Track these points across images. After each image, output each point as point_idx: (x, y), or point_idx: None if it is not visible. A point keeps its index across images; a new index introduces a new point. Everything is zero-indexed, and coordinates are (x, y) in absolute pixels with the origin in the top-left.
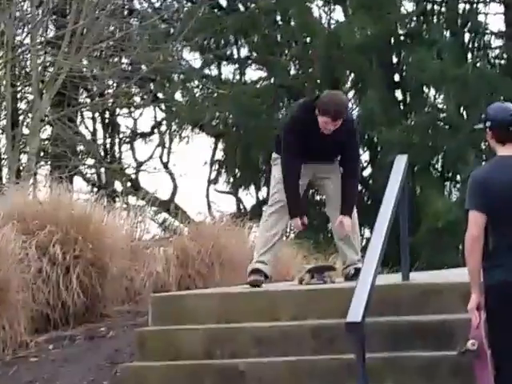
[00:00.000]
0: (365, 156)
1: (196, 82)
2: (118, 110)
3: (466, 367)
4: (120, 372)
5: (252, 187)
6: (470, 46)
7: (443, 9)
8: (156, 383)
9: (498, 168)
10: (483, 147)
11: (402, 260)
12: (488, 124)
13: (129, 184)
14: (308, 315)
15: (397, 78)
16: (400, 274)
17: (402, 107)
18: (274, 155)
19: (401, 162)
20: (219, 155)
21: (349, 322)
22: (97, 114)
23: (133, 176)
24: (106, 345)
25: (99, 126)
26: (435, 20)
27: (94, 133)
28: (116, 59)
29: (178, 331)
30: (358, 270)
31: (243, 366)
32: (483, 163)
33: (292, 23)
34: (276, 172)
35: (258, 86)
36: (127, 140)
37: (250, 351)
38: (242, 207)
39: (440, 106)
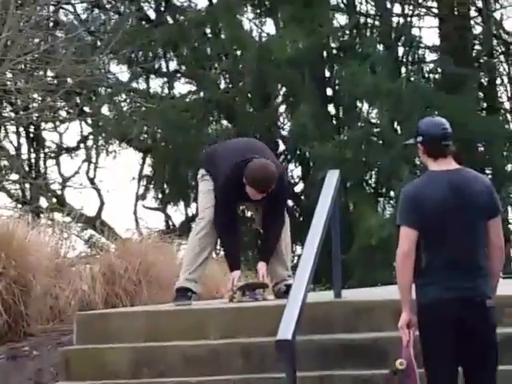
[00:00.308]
0: (297, 171)
1: (123, 96)
2: (43, 125)
3: None
4: None
5: (181, 203)
6: (404, 59)
7: (376, 22)
8: None
9: (429, 183)
10: (417, 163)
11: (333, 277)
12: (419, 139)
13: (54, 200)
14: (238, 333)
15: (329, 92)
16: (332, 291)
17: (334, 122)
18: (202, 171)
19: (332, 177)
20: (147, 170)
21: (279, 340)
22: (21, 129)
23: (58, 192)
24: (29, 364)
25: (24, 141)
26: (368, 33)
27: (18, 147)
28: (41, 72)
29: (104, 350)
30: (288, 287)
31: None
32: (416, 179)
33: (222, 36)
34: (204, 187)
35: (187, 100)
36: (52, 155)
37: (178, 370)
38: (170, 224)
39: (373, 120)
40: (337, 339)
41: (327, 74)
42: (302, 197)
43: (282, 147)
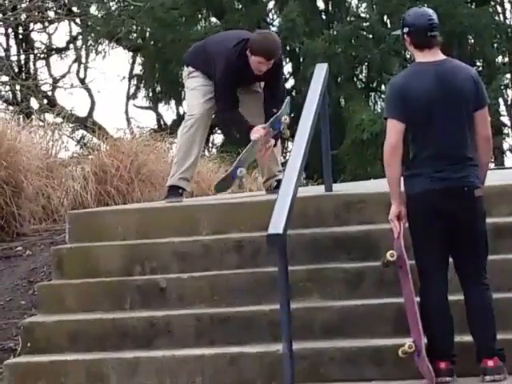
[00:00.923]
0: (287, 68)
1: None
2: (31, 25)
3: (391, 277)
4: (37, 291)
5: (172, 102)
6: None
7: None
8: (74, 301)
9: (415, 75)
10: (408, 56)
11: (324, 171)
12: (406, 30)
13: (45, 101)
14: (230, 229)
15: None
16: (323, 186)
17: (324, 17)
18: (189, 69)
19: (321, 71)
20: (138, 70)
21: (270, 234)
22: (10, 30)
23: (49, 93)
24: (22, 264)
25: (13, 42)
26: None
27: (7, 49)
28: None
29: (97, 248)
30: (279, 182)
31: (164, 282)
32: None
33: None
34: (191, 84)
35: None
36: (42, 56)
37: (170, 267)
38: (162, 122)
39: (363, 15)
40: (328, 232)
41: None
42: (293, 92)
43: None
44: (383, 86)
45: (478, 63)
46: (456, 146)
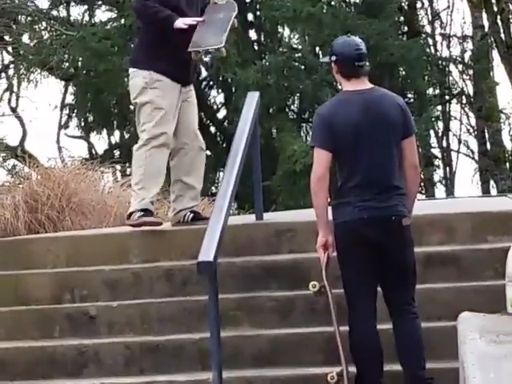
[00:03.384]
0: (219, 98)
1: (44, 24)
2: None
3: (321, 306)
4: None
5: (104, 131)
6: None
7: None
8: (3, 329)
9: (342, 103)
10: (339, 87)
11: (255, 200)
12: (333, 58)
13: None
14: (160, 257)
15: (250, 17)
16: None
17: (256, 47)
18: (157, 75)
19: (252, 99)
20: (70, 99)
21: (200, 262)
22: None
23: None
24: None
25: None
26: None
27: None
28: None
29: (26, 276)
30: (196, 213)
31: (94, 310)
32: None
33: None
34: (150, 97)
35: (107, 27)
36: None
37: (100, 295)
38: (94, 152)
39: (295, 46)
40: (259, 261)
41: None
42: (225, 123)
43: (204, 73)
44: None
45: (409, 95)
46: (383, 174)
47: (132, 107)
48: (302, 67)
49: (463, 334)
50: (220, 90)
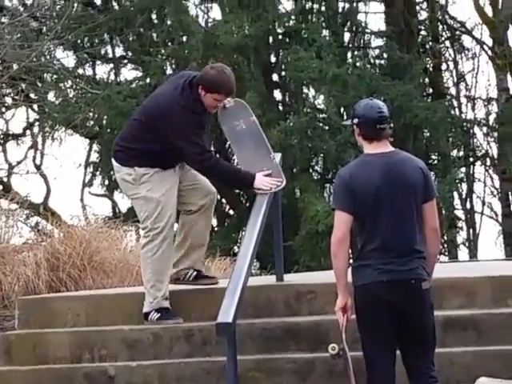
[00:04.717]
0: None
1: (69, 82)
2: None
3: (340, 368)
4: None
5: None
6: (350, 45)
7: (322, 7)
8: None
9: (363, 166)
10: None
11: (275, 261)
12: (355, 121)
13: (0, 187)
14: (180, 317)
15: (276, 77)
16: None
17: (281, 108)
18: (141, 170)
19: None
20: (94, 157)
21: (220, 323)
22: None
23: (4, 179)
24: None
25: None
26: (314, 19)
27: None
28: None
29: (46, 334)
30: (198, 271)
31: (112, 369)
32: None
33: (168, 21)
34: (147, 191)
35: (133, 85)
36: None
37: (119, 355)
38: (117, 210)
39: (320, 106)
40: (278, 322)
41: (273, 59)
42: None
43: None
44: None
45: (433, 156)
46: (403, 238)
47: None
48: (327, 128)
49: None
50: None
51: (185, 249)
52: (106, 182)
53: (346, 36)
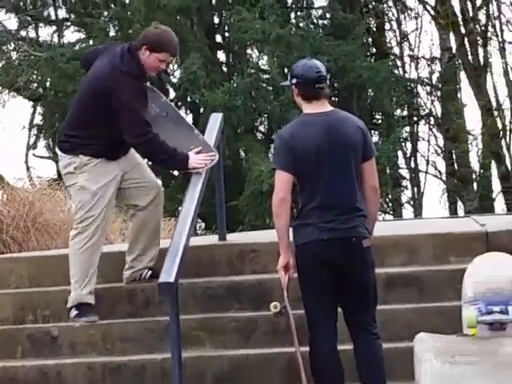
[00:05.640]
0: (188, 119)
1: (12, 45)
2: None
3: (283, 327)
4: None
5: None
6: (293, 6)
7: None
8: None
9: (303, 126)
10: None
11: (218, 220)
12: (294, 81)
13: None
14: (122, 278)
15: (219, 39)
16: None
17: (224, 69)
18: (85, 158)
19: (215, 121)
20: (38, 119)
21: (162, 283)
22: None
23: None
24: None
25: None
26: None
27: None
28: None
29: None
30: (153, 270)
31: (56, 330)
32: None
33: None
34: (84, 181)
35: (76, 48)
36: None
37: (62, 315)
38: None
39: (263, 67)
40: (221, 281)
41: (216, 20)
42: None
43: (172, 94)
44: None
45: (377, 116)
46: (344, 196)
47: None
48: (270, 88)
49: (419, 355)
50: (188, 111)
51: (138, 251)
52: (50, 144)
53: None
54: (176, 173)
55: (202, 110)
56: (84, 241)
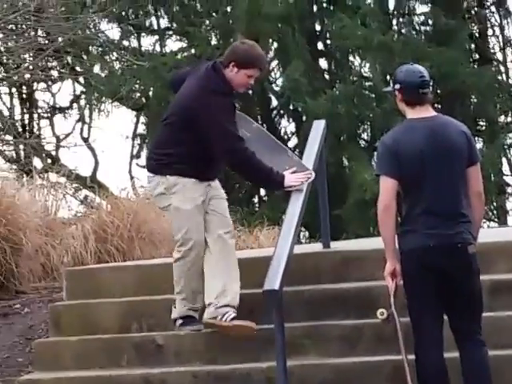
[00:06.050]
0: (290, 127)
1: (115, 55)
2: (35, 85)
3: (389, 334)
4: (34, 348)
5: None
6: (395, 12)
7: None
8: (71, 358)
9: (407, 131)
10: None
11: (321, 227)
12: (397, 86)
13: (48, 160)
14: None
15: (321, 46)
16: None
17: (326, 76)
18: (173, 178)
19: (318, 129)
20: (141, 129)
21: (266, 290)
22: (14, 90)
23: (53, 153)
24: (20, 321)
25: (16, 102)
26: None
27: (11, 108)
28: (32, 33)
29: (94, 305)
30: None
31: (161, 339)
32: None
33: None
34: (178, 201)
35: (178, 57)
36: (46, 115)
37: (167, 324)
38: None
39: (365, 74)
40: (326, 289)
41: (318, 28)
42: (296, 152)
43: (274, 103)
44: None
45: (480, 122)
46: (449, 202)
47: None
48: (373, 95)
49: None
50: (291, 120)
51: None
52: None
53: (391, 3)
54: None
55: (304, 117)
56: (189, 263)
